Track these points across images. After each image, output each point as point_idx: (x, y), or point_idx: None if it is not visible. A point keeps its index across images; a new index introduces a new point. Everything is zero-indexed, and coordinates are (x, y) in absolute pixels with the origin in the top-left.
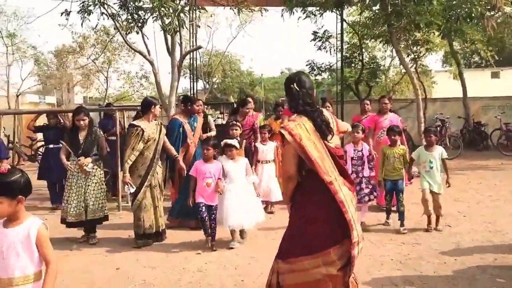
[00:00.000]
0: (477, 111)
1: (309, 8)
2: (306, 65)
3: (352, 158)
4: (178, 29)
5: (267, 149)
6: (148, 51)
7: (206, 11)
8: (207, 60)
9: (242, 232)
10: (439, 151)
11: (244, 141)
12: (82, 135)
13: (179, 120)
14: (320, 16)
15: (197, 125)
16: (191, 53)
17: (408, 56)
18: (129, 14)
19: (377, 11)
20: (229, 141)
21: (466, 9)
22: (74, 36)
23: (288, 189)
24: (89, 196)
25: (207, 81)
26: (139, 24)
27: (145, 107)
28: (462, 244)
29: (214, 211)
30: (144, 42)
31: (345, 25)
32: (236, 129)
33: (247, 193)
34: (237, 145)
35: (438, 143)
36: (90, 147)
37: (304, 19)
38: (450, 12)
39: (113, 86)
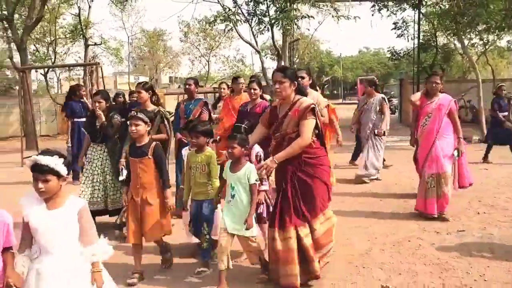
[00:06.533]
0: None
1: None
2: (387, 51)
3: None
4: (292, 31)
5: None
6: (256, 42)
7: (313, 18)
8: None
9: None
10: (246, 171)
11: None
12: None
13: None
14: (400, 13)
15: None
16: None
17: (481, 40)
18: (257, 20)
19: (445, 8)
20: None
21: None
22: (180, 26)
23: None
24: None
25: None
26: (267, 29)
27: None
28: None
29: None
30: (255, 39)
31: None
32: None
33: None
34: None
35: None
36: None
37: (388, 16)
38: (508, 10)
39: (213, 68)
